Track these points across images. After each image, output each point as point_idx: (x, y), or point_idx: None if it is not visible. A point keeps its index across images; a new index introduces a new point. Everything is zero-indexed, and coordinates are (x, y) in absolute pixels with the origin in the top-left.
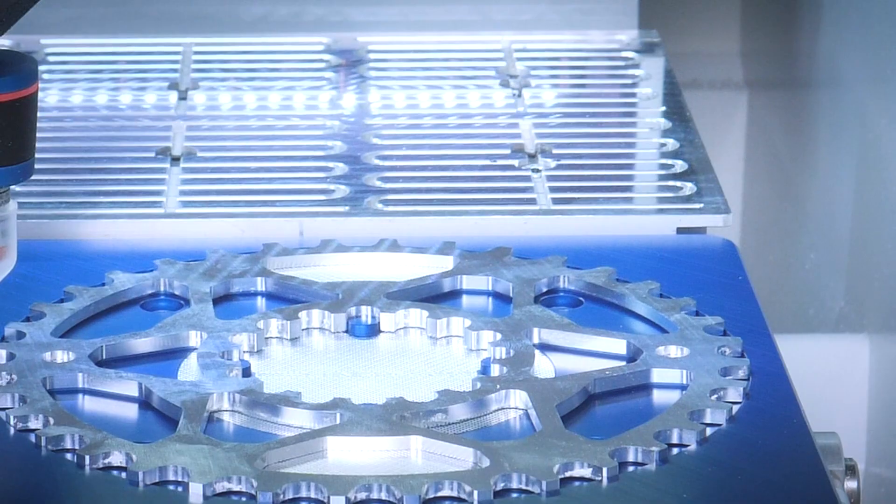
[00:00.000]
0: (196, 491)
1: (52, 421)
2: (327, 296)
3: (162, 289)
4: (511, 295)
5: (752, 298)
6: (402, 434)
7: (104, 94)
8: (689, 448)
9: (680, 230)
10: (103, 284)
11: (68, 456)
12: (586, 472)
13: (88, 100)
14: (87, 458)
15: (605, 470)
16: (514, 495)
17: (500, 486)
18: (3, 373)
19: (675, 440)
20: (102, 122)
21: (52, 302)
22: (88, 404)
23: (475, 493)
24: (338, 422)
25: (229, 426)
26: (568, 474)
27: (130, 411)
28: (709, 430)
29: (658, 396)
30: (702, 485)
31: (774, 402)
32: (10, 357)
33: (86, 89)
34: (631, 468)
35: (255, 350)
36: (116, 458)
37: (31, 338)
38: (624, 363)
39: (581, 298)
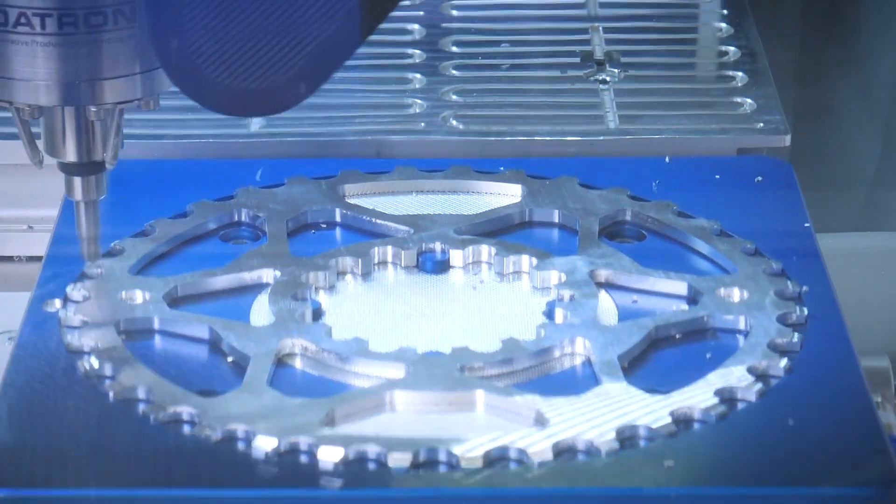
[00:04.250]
0: (261, 448)
1: (122, 369)
2: (399, 229)
3: (241, 219)
4: (577, 228)
5: (811, 237)
6: (466, 389)
7: None
8: (748, 402)
9: (740, 151)
10: (185, 214)
11: (139, 405)
12: (645, 433)
13: None
14: (153, 415)
15: (664, 430)
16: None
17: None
18: (80, 315)
19: (734, 394)
20: None
21: (133, 235)
22: (160, 347)
23: (535, 460)
24: (403, 375)
25: (297, 374)
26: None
27: (201, 353)
28: (767, 383)
29: (718, 344)
30: (759, 443)
31: (831, 350)
32: (87, 298)
33: None
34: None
35: (328, 287)
36: (185, 412)
37: (109, 276)
38: (685, 306)
39: (644, 232)
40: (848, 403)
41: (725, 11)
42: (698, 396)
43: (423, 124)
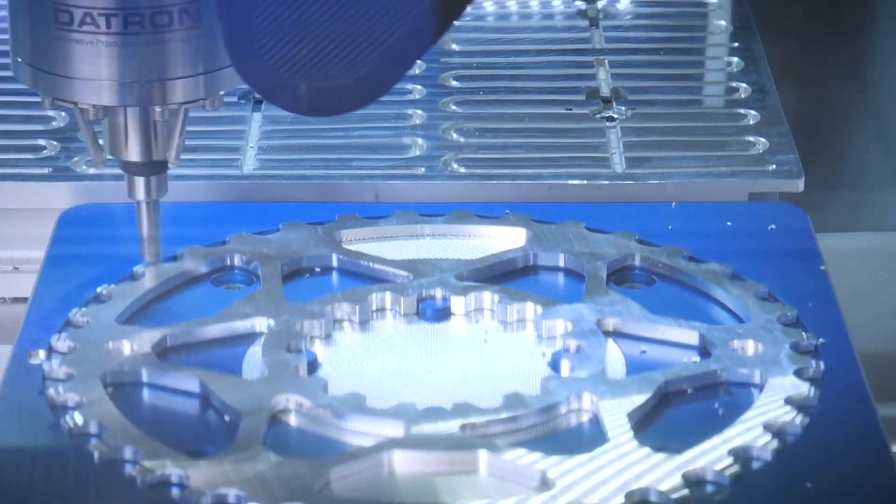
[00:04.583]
0: None
1: (108, 427)
2: (398, 275)
3: (233, 263)
4: (583, 273)
5: (828, 287)
6: (468, 450)
7: None
8: (763, 461)
9: (752, 196)
10: (175, 259)
11: (125, 466)
12: (656, 497)
13: None
14: (140, 477)
15: (676, 493)
16: None
17: None
18: (65, 368)
19: (749, 453)
20: None
21: (120, 280)
22: (148, 402)
23: None
24: (402, 433)
25: (292, 431)
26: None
27: (191, 409)
28: (783, 440)
29: (732, 399)
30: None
31: (849, 405)
32: (72, 349)
33: None
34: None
35: (324, 336)
36: (173, 475)
37: (96, 325)
38: (696, 357)
39: (654, 277)
40: (868, 460)
41: (736, 44)
42: (711, 455)
43: (422, 169)
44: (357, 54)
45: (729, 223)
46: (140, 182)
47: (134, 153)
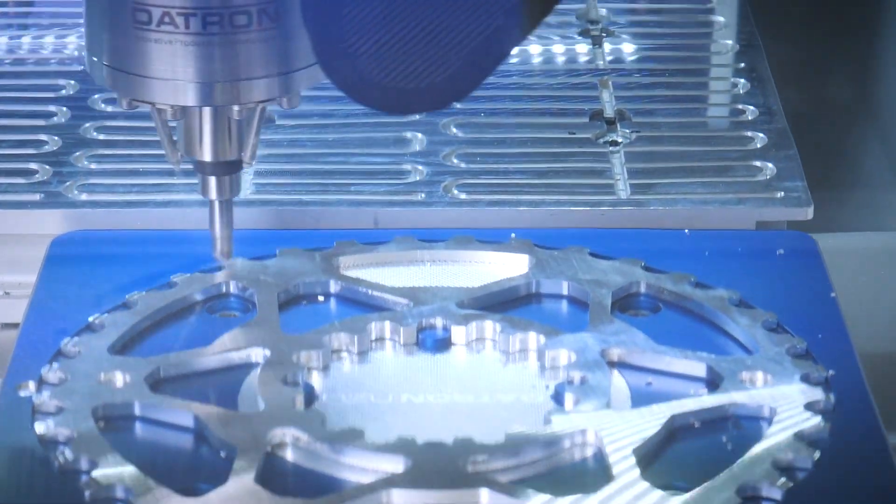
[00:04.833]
0: None
1: (100, 463)
2: (398, 303)
3: (229, 290)
4: (587, 301)
5: (838, 314)
6: (469, 487)
7: None
8: (773, 500)
9: (759, 224)
10: (168, 286)
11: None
12: None
13: None
14: None
15: None
16: None
17: None
18: (55, 400)
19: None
20: None
21: (112, 308)
22: (141, 437)
23: None
24: (401, 469)
25: (288, 467)
26: None
27: (185, 443)
28: (793, 476)
29: (740, 433)
30: None
31: (860, 438)
32: (63, 380)
33: None
34: None
35: (322, 367)
36: None
37: (87, 355)
38: (703, 388)
39: (659, 304)
40: (880, 497)
41: (742, 64)
42: (720, 495)
43: (422, 195)
44: (443, 55)
45: (739, 249)
46: (213, 181)
47: (210, 153)
